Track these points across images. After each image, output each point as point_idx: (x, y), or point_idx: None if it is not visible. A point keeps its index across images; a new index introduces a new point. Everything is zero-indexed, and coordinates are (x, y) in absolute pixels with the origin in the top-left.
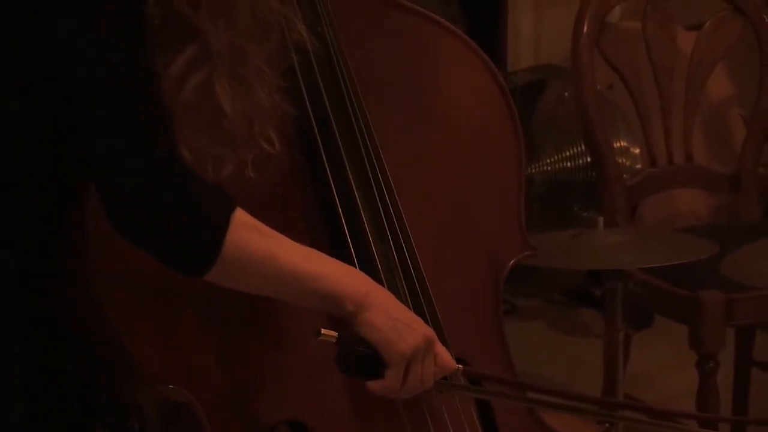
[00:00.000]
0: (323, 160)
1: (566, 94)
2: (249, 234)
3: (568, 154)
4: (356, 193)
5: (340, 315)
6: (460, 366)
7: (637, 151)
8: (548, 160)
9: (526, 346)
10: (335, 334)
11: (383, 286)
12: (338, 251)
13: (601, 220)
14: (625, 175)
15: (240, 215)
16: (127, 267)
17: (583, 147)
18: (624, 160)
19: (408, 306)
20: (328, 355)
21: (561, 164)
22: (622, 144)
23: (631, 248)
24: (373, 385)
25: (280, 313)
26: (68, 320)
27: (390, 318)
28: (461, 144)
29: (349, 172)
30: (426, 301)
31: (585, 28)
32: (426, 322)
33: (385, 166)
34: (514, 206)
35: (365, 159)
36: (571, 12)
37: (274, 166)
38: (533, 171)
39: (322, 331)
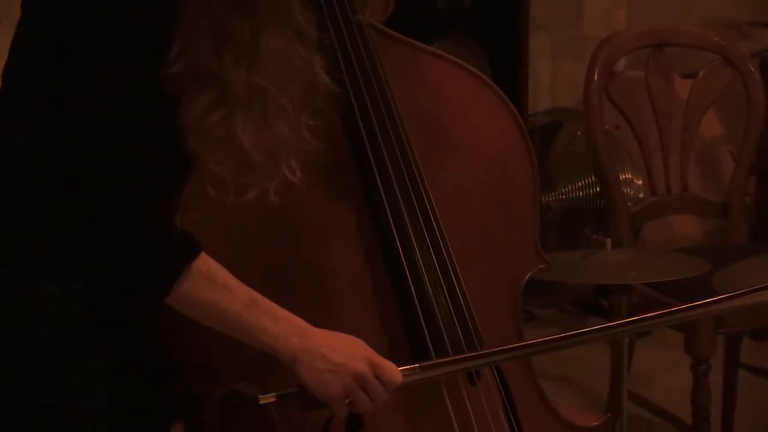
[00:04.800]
0: (378, 188)
1: (579, 133)
2: (202, 284)
3: (580, 185)
4: (406, 217)
5: None
6: (414, 365)
7: (640, 182)
8: (563, 190)
9: None
10: (273, 397)
11: (427, 296)
12: (391, 269)
13: (608, 241)
14: (629, 203)
15: (199, 266)
16: None
17: (593, 179)
18: (629, 190)
19: (451, 315)
20: (389, 352)
21: (574, 194)
22: (627, 176)
23: (634, 266)
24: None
25: (347, 316)
26: (151, 331)
27: (315, 371)
28: (487, 175)
29: (399, 197)
30: (468, 311)
31: (595, 77)
32: (467, 330)
33: (430, 195)
34: (530, 226)
35: (410, 187)
36: (583, 62)
37: (296, 193)
38: (550, 200)
39: (260, 398)
